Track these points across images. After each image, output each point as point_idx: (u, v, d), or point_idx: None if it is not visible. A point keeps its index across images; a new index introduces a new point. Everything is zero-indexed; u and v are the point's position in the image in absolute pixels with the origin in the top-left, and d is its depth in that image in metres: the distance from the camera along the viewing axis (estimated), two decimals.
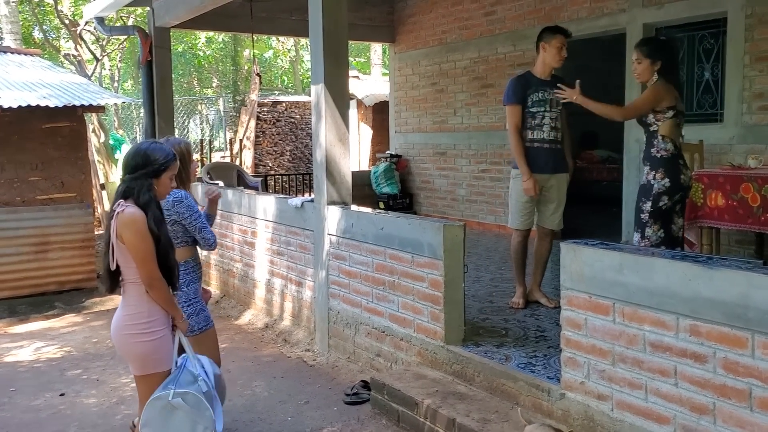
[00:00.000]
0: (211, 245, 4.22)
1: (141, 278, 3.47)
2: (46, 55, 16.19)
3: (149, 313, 3.53)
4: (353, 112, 15.93)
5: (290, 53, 28.64)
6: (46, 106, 8.05)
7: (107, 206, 12.92)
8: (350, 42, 11.17)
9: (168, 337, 3.61)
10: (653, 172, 4.90)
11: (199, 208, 4.39)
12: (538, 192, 5.76)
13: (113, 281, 3.57)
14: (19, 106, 7.83)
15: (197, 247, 4.42)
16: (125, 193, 3.50)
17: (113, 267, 3.49)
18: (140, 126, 19.39)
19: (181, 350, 3.76)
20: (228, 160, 15.70)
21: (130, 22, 17.18)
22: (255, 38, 11.32)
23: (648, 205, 4.89)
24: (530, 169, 5.75)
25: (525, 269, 6.02)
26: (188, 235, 4.24)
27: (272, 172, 15.68)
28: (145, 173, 3.53)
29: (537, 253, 6.02)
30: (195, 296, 4.20)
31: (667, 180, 4.85)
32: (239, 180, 11.25)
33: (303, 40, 23.56)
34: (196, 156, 7.09)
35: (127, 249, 3.43)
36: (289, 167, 16.75)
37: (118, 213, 3.41)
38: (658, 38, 5.46)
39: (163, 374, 3.60)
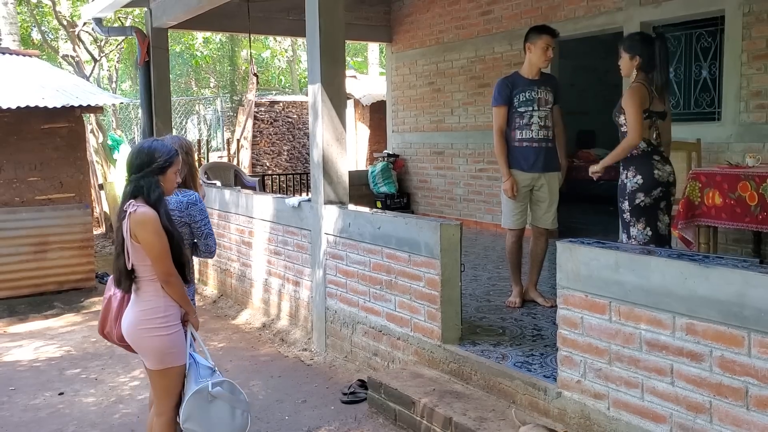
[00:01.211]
0: (212, 253, 4.16)
1: (157, 275, 3.51)
2: (44, 56, 16.20)
3: (165, 308, 3.57)
4: (350, 112, 15.94)
5: (287, 53, 28.63)
6: (45, 107, 8.04)
7: (106, 206, 12.93)
8: (347, 42, 11.17)
9: (182, 332, 3.66)
10: (625, 171, 4.97)
11: None
12: (516, 194, 5.79)
13: (129, 281, 3.59)
14: (18, 107, 7.82)
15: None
16: (134, 192, 3.52)
17: (130, 267, 3.52)
18: (138, 126, 19.39)
19: None
20: (225, 159, 15.67)
21: (127, 23, 17.16)
22: (252, 38, 11.32)
23: (626, 205, 4.94)
24: (520, 168, 5.81)
25: (521, 269, 6.04)
26: (191, 239, 4.22)
27: (269, 172, 15.71)
28: (151, 170, 3.55)
29: (532, 253, 6.04)
30: (191, 298, 4.20)
31: (639, 177, 4.88)
32: (237, 180, 11.25)
33: (300, 40, 23.55)
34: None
35: (143, 248, 3.46)
36: (286, 167, 16.76)
37: (130, 213, 3.43)
38: (641, 33, 5.45)
39: (180, 368, 3.65)
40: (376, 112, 15.70)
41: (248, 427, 3.81)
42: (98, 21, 10.74)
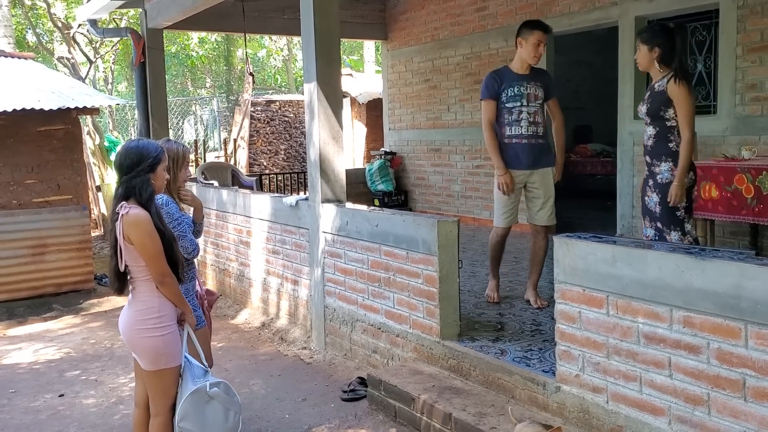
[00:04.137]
0: (189, 253, 4.13)
1: (152, 275, 3.51)
2: (39, 59, 16.16)
3: (160, 309, 3.57)
4: (347, 110, 15.93)
5: (283, 52, 28.62)
6: (41, 109, 8.03)
7: (103, 208, 12.91)
8: (343, 40, 11.16)
9: (177, 333, 3.66)
10: None
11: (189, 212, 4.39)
12: (512, 189, 5.70)
13: (122, 282, 3.59)
14: (14, 110, 7.82)
15: None
16: (126, 193, 3.51)
17: (123, 268, 3.52)
18: (135, 128, 19.38)
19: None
20: (222, 159, 15.67)
21: (122, 24, 17.17)
22: (247, 37, 11.32)
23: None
24: (509, 165, 5.73)
25: (500, 263, 6.04)
26: None
27: (267, 171, 15.68)
28: (142, 169, 3.54)
29: (532, 252, 5.95)
30: (186, 295, 4.19)
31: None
32: (234, 179, 11.25)
33: (296, 39, 23.54)
34: (190, 156, 6.89)
35: (136, 249, 3.46)
36: (283, 166, 16.74)
37: (122, 215, 3.43)
38: (659, 24, 5.34)
39: (175, 369, 3.65)
40: (372, 110, 15.70)
41: (239, 429, 3.84)
42: (93, 22, 10.74)
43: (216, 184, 9.60)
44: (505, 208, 5.83)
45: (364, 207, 6.16)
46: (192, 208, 4.50)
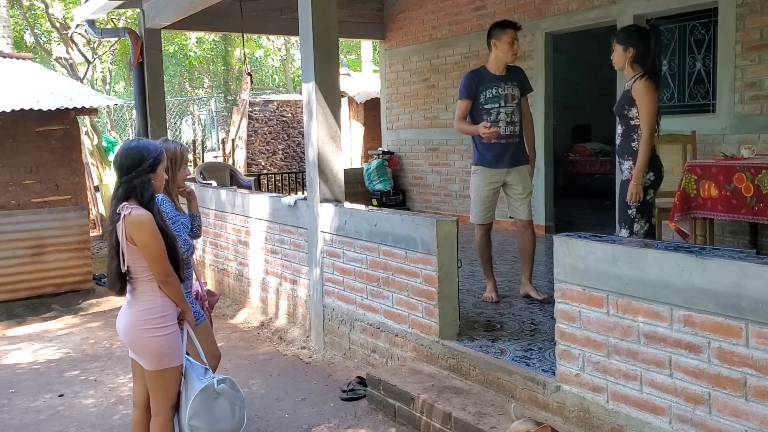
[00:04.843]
0: (183, 252, 4.05)
1: (155, 276, 3.50)
2: (37, 59, 16.16)
3: (162, 308, 3.56)
4: (344, 110, 15.93)
5: (281, 52, 28.61)
6: (39, 110, 8.02)
7: (102, 208, 12.90)
8: (340, 39, 11.15)
9: (178, 332, 3.66)
10: None
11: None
12: (499, 130, 5.74)
13: (123, 283, 3.58)
14: (12, 110, 7.80)
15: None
16: (127, 194, 3.49)
17: (125, 269, 3.50)
18: (133, 128, 19.38)
19: None
20: (220, 159, 15.66)
21: (120, 24, 17.14)
22: (245, 37, 11.30)
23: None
24: (490, 165, 5.86)
25: (492, 263, 6.10)
26: None
27: (265, 171, 15.68)
28: (142, 170, 3.53)
29: (521, 248, 6.07)
30: (188, 291, 4.18)
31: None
32: (232, 179, 11.23)
33: (293, 39, 23.54)
34: (188, 156, 6.83)
35: (140, 249, 3.45)
36: (281, 166, 16.74)
37: (124, 216, 3.41)
38: (634, 26, 5.43)
39: (177, 369, 3.64)
40: (370, 110, 15.70)
41: (245, 423, 3.88)
42: (91, 23, 10.73)
43: (214, 184, 9.58)
44: (483, 205, 5.96)
45: (362, 207, 6.15)
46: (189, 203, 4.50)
